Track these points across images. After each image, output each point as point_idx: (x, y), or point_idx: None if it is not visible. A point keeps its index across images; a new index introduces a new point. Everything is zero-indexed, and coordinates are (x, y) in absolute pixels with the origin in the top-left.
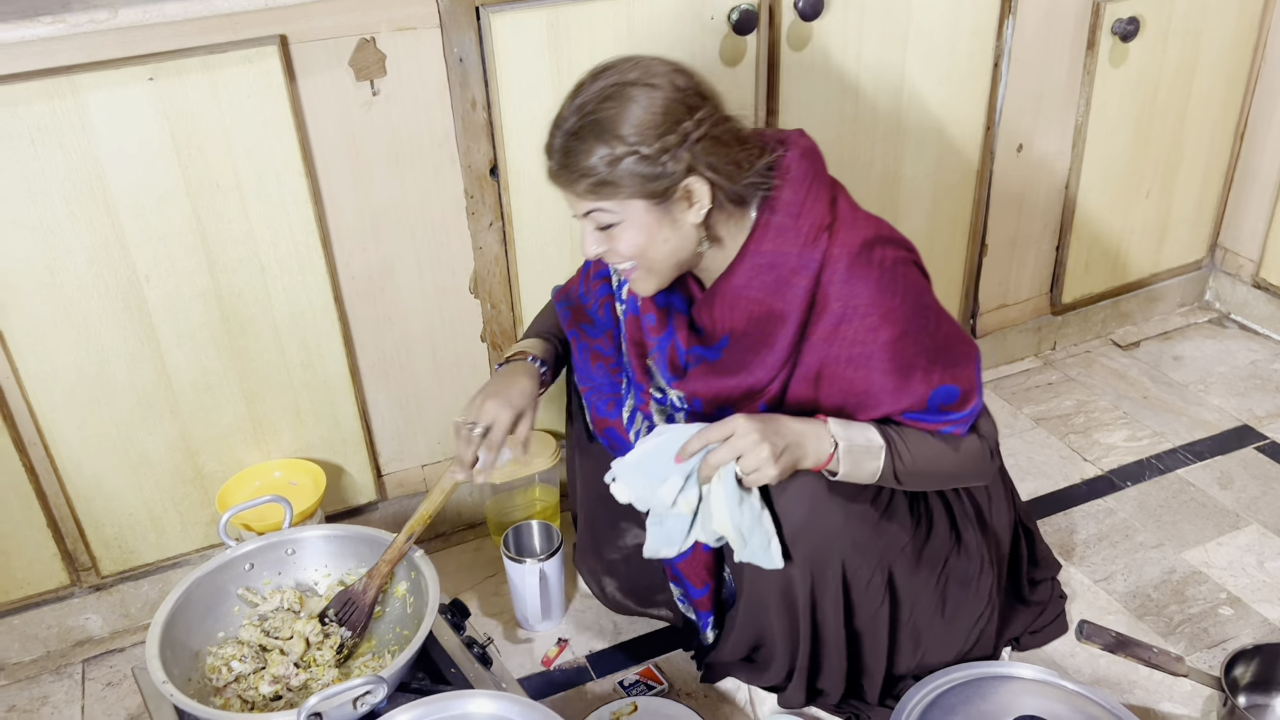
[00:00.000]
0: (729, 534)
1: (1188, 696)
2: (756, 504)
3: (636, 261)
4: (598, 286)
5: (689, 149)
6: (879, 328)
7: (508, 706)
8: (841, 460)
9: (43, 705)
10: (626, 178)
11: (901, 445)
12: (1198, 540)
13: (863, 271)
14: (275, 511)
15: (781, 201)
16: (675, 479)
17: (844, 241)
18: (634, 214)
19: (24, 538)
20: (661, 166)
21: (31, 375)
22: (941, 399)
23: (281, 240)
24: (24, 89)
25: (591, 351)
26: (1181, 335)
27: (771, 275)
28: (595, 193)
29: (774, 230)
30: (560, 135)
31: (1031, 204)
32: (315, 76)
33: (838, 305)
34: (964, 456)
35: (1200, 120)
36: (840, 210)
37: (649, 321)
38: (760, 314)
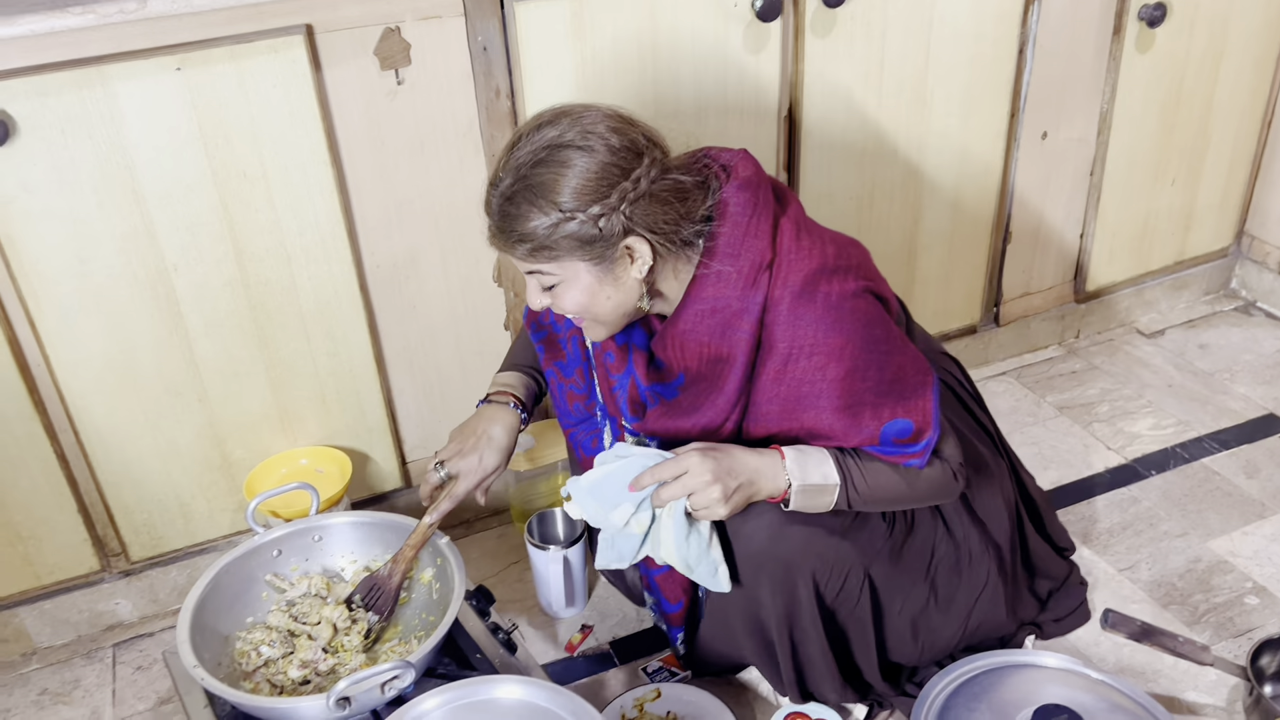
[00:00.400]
0: (675, 564)
1: (1213, 686)
2: (704, 535)
3: (582, 315)
4: (565, 318)
5: (626, 210)
6: (825, 366)
7: (534, 692)
8: (794, 498)
9: (74, 688)
10: (564, 242)
11: (859, 477)
12: (1223, 529)
13: (806, 311)
14: (302, 498)
15: (720, 243)
16: (627, 505)
17: (784, 280)
18: (575, 274)
19: (55, 523)
20: (599, 230)
21: (62, 363)
22: (895, 434)
23: (307, 229)
24: (54, 79)
25: (568, 391)
26: (1207, 323)
27: (715, 320)
28: (534, 257)
29: (713, 276)
30: (497, 197)
31: (1056, 191)
32: (340, 66)
33: (783, 346)
34: (923, 484)
35: (1227, 106)
36: (782, 244)
37: (609, 359)
38: (710, 355)
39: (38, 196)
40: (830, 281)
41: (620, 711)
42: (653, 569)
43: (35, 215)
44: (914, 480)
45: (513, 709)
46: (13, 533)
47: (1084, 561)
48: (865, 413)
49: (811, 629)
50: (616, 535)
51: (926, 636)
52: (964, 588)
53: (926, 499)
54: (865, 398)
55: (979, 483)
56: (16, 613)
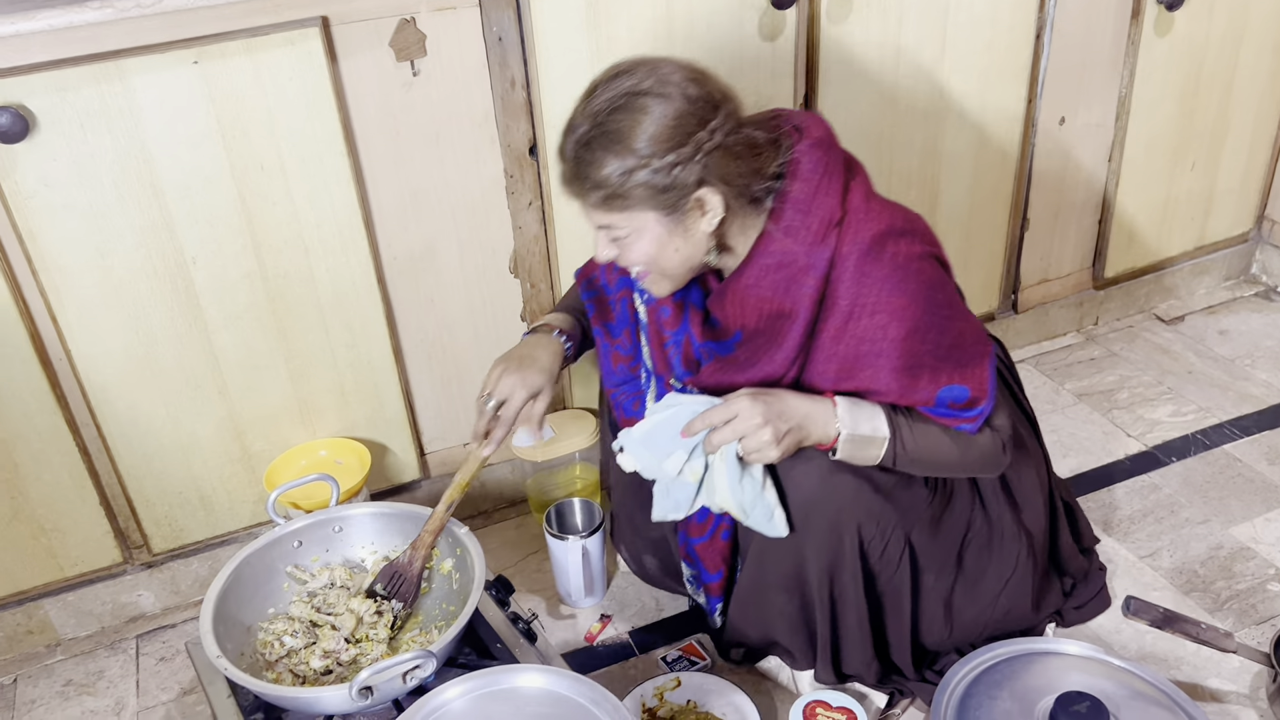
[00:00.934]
0: (730, 509)
1: (1236, 673)
2: (759, 479)
3: (648, 269)
4: (617, 278)
5: (701, 161)
6: (888, 325)
7: (556, 680)
8: (842, 446)
9: (99, 679)
10: (637, 190)
11: (909, 434)
12: (1245, 516)
13: (872, 269)
14: (322, 490)
15: (790, 199)
16: (679, 453)
17: (854, 238)
18: (645, 225)
19: (78, 516)
20: (673, 179)
21: (83, 356)
22: (950, 399)
23: (325, 221)
24: (73, 74)
25: (613, 352)
26: (1227, 309)
27: (780, 275)
28: (606, 205)
29: (782, 230)
30: (571, 143)
31: (1074, 177)
32: (356, 57)
33: (846, 303)
34: (973, 451)
35: (1247, 90)
36: (852, 203)
37: (664, 315)
38: (770, 311)
39: (58, 191)
40: (898, 242)
41: (641, 700)
42: (694, 537)
43: (56, 209)
44: (964, 445)
45: (534, 698)
46: (36, 525)
47: (1105, 549)
48: (923, 375)
49: (851, 587)
50: (671, 484)
51: (956, 617)
52: (994, 569)
53: (973, 467)
54: (924, 360)
55: (1018, 464)
56: (41, 605)
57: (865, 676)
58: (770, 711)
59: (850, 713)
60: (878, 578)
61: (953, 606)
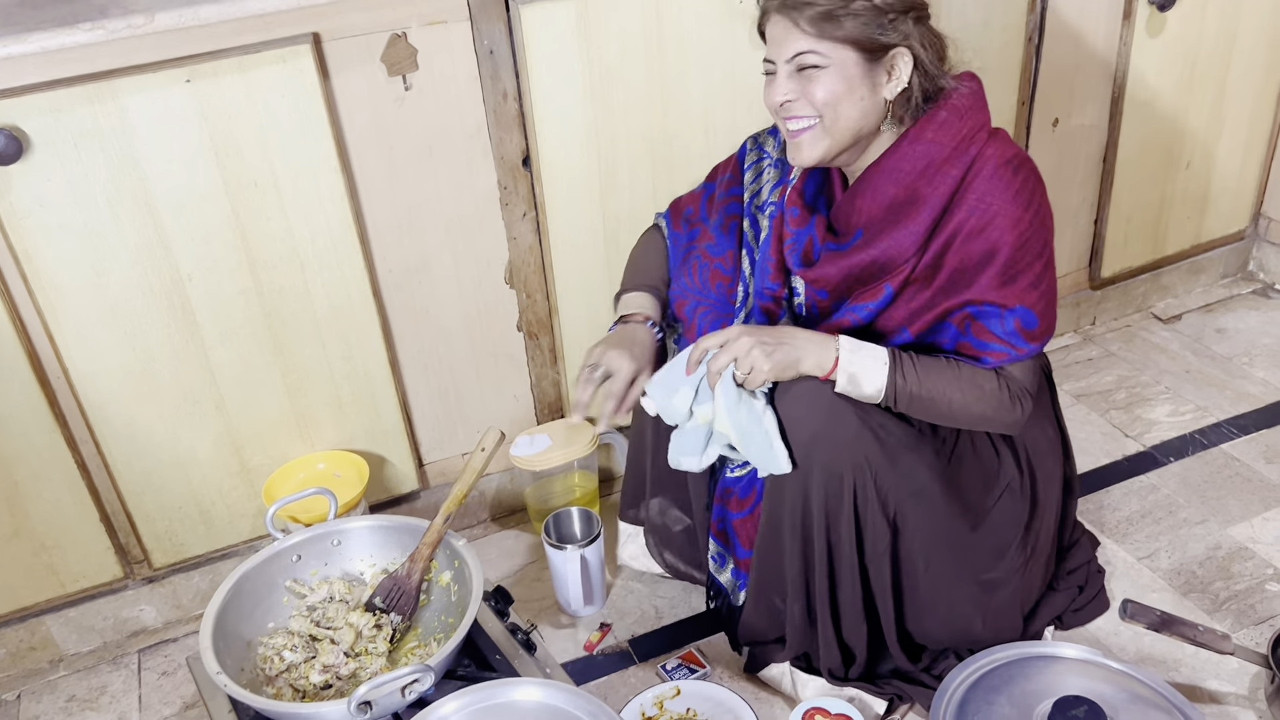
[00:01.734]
0: (730, 435)
1: (1234, 674)
2: (758, 406)
3: (823, 116)
4: (726, 204)
5: (912, 21)
6: (1003, 232)
7: (553, 694)
8: (843, 359)
9: (101, 695)
10: (851, 21)
11: (910, 366)
12: (1243, 516)
13: (1007, 177)
14: (321, 503)
15: (951, 102)
16: (686, 390)
17: (998, 149)
18: (842, 62)
19: (78, 532)
20: (887, 23)
21: (81, 375)
22: (1021, 318)
23: (319, 236)
24: (66, 95)
25: (712, 269)
26: (1224, 307)
27: (924, 160)
28: (816, 26)
29: (938, 122)
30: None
31: (1069, 178)
32: (348, 73)
33: (973, 199)
34: (979, 394)
35: (1241, 88)
36: (1000, 130)
37: (793, 214)
38: (902, 198)
39: (53, 211)
40: (1031, 171)
41: (640, 709)
42: (734, 511)
43: (51, 229)
44: (969, 389)
45: (532, 711)
46: (37, 542)
47: (1103, 550)
48: (1018, 282)
49: (846, 535)
50: (685, 428)
51: (944, 613)
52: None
53: (980, 416)
54: (1025, 272)
55: (1044, 469)
56: (43, 621)
57: (857, 647)
58: (770, 719)
59: (849, 718)
60: (865, 545)
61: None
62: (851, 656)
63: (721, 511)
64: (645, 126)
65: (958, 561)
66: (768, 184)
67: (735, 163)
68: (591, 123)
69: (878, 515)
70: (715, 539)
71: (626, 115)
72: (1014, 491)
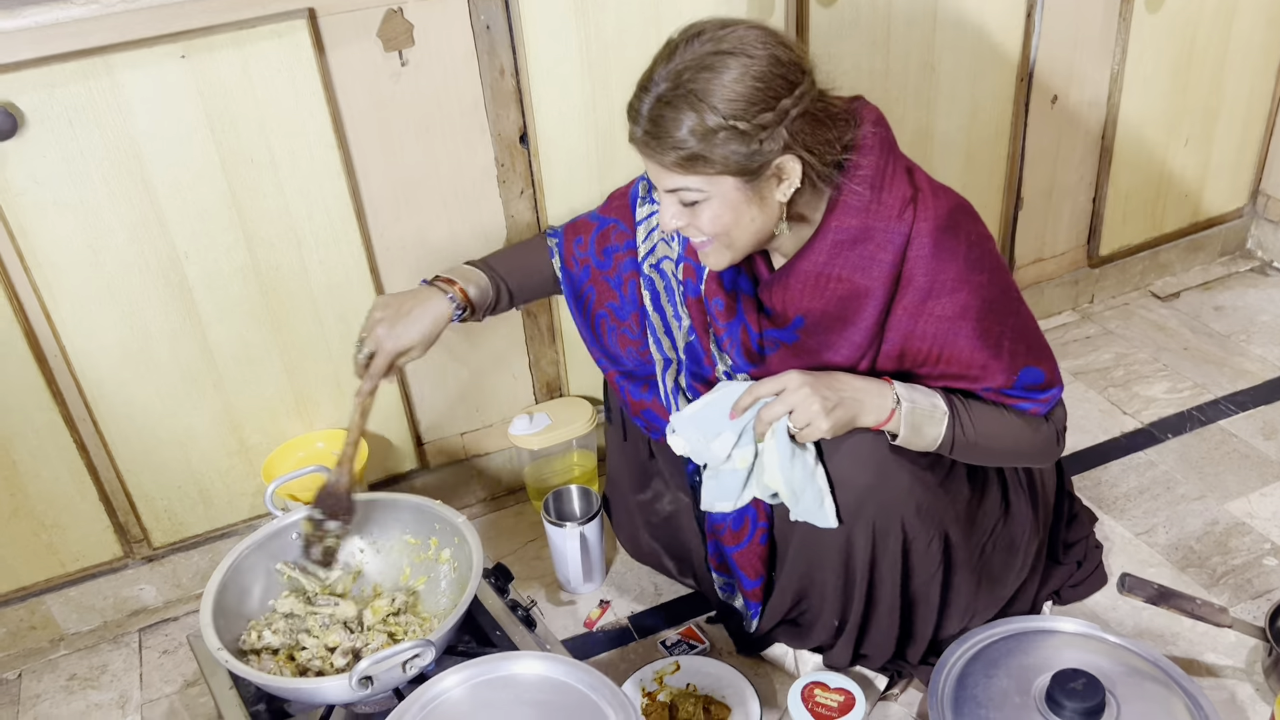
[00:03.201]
0: (781, 490)
1: (1232, 648)
2: (810, 461)
3: (716, 239)
4: (623, 259)
5: (786, 127)
6: (969, 303)
7: (553, 667)
8: (903, 421)
9: (102, 673)
10: (719, 153)
11: (965, 416)
12: (1241, 491)
13: (950, 245)
14: (320, 481)
15: (861, 175)
16: (728, 435)
17: (928, 215)
18: (722, 191)
19: (78, 511)
20: (758, 144)
21: (78, 353)
22: (1029, 380)
23: (316, 214)
24: (60, 70)
25: (620, 335)
26: (1223, 285)
27: (855, 252)
28: (684, 166)
29: (856, 205)
30: (649, 100)
31: (1067, 155)
32: (344, 49)
33: (924, 280)
34: (1030, 438)
35: (1240, 65)
36: (919, 182)
37: (717, 306)
38: (843, 292)
39: (48, 188)
40: (970, 221)
41: (640, 684)
42: (730, 545)
43: (46, 206)
44: (1021, 429)
45: (533, 684)
46: (36, 522)
47: (1101, 526)
48: (1004, 354)
49: (889, 579)
50: (720, 471)
51: (972, 614)
52: (1015, 571)
53: (1027, 456)
54: (1003, 340)
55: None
56: (44, 600)
57: (881, 660)
58: (770, 694)
59: (848, 693)
60: (914, 574)
61: (970, 604)
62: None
63: (716, 547)
64: None
65: (985, 566)
66: (667, 258)
67: (628, 209)
68: (589, 99)
69: (931, 548)
70: (718, 572)
71: (624, 91)
72: (1018, 487)
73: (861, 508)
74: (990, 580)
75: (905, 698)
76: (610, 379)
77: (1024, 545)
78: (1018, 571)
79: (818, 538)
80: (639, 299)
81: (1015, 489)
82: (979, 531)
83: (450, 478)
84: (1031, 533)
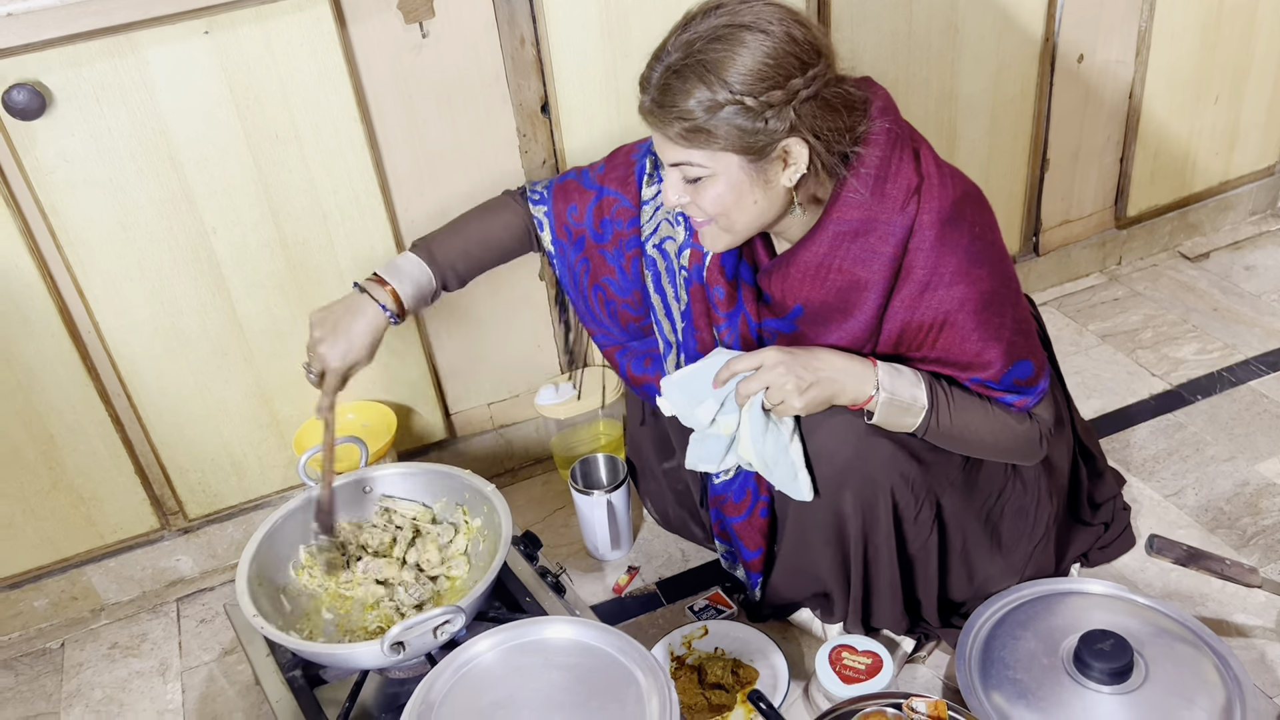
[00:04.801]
0: (754, 461)
1: (1261, 608)
2: (785, 435)
3: (717, 220)
4: (626, 237)
5: (795, 108)
6: (966, 297)
7: (584, 631)
8: (879, 409)
9: (142, 642)
10: (724, 128)
11: (946, 409)
12: (1272, 452)
13: (953, 238)
14: (351, 452)
15: (866, 165)
16: (710, 403)
17: (932, 206)
18: (726, 169)
19: (114, 485)
20: (764, 122)
21: (111, 329)
22: (1017, 374)
23: (341, 188)
24: (86, 48)
25: (620, 310)
26: (1253, 244)
27: (856, 243)
28: (688, 139)
29: (858, 199)
30: (660, 69)
31: (1094, 115)
32: (365, 22)
33: (923, 272)
34: (1011, 436)
35: (1271, 20)
36: (926, 169)
37: (718, 295)
38: (842, 283)
39: (77, 165)
40: (975, 210)
41: (669, 648)
42: (731, 516)
43: (76, 184)
44: (1002, 426)
45: (564, 648)
46: (75, 495)
47: (1130, 489)
48: (998, 347)
49: (885, 548)
50: (707, 435)
51: (982, 582)
52: (1026, 535)
53: (1006, 452)
54: (1003, 333)
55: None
56: (84, 571)
57: (896, 629)
58: (798, 657)
59: (875, 655)
60: (909, 542)
61: (980, 570)
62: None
63: (718, 515)
64: None
65: (992, 531)
66: (670, 239)
67: (633, 183)
68: (610, 67)
69: (922, 516)
70: (719, 539)
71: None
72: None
73: (843, 483)
74: (1000, 545)
75: (933, 660)
76: (609, 355)
77: (1035, 510)
78: (1029, 536)
79: (809, 512)
80: (641, 278)
81: None
82: (980, 496)
83: (478, 447)
84: (1045, 498)
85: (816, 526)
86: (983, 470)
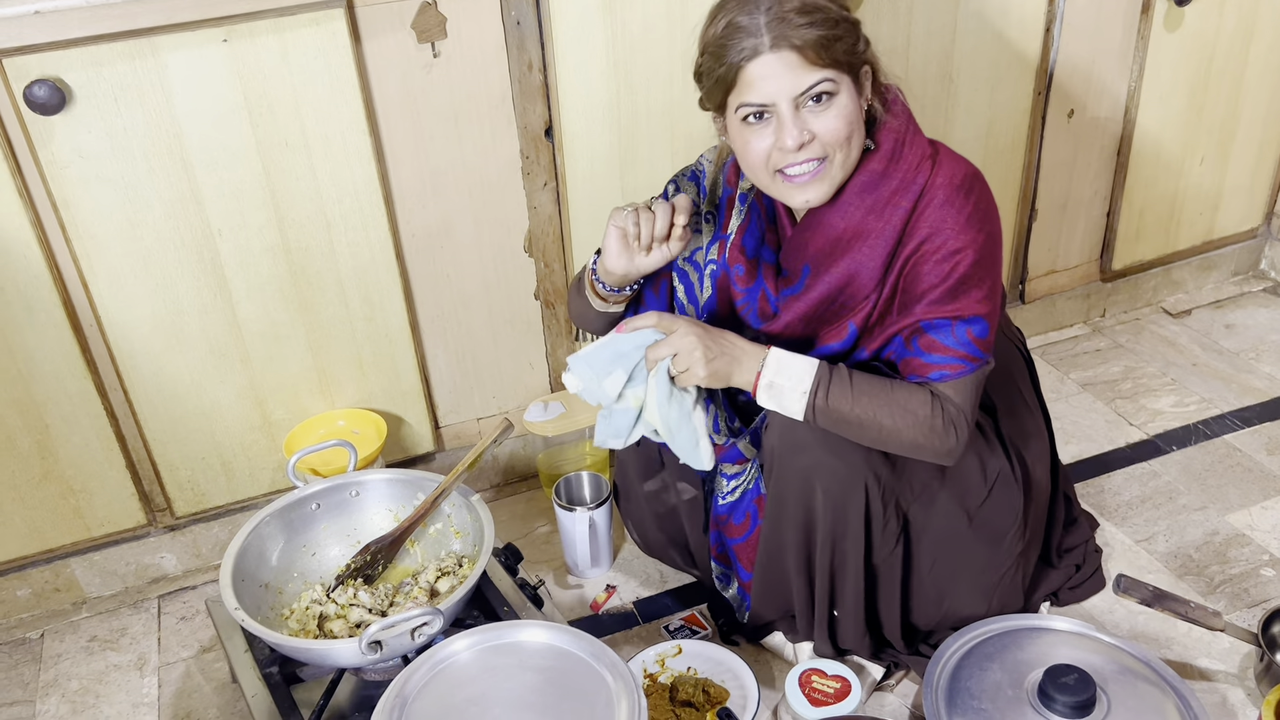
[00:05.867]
0: (658, 427)
1: (1225, 653)
2: (689, 403)
3: (829, 154)
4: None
5: (866, 40)
6: (958, 250)
7: (558, 636)
8: (760, 391)
9: (121, 636)
10: (844, 42)
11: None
12: (1242, 504)
13: (959, 202)
14: (340, 456)
15: (888, 129)
16: (620, 373)
17: (945, 171)
18: (846, 87)
19: (105, 478)
20: (858, 39)
21: (113, 323)
22: (972, 326)
23: (346, 198)
24: (108, 50)
25: None
26: (1235, 304)
27: (873, 196)
28: (817, 53)
29: (884, 154)
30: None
31: (1083, 169)
32: (379, 39)
33: (925, 229)
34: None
35: (1258, 86)
36: (937, 145)
37: (738, 272)
38: (850, 234)
39: (92, 162)
40: (981, 188)
41: (643, 666)
42: (731, 538)
43: (89, 180)
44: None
45: (537, 651)
46: (65, 486)
47: (1102, 532)
48: (971, 293)
49: (852, 554)
50: (613, 410)
51: (950, 604)
52: (995, 561)
53: (908, 440)
54: (982, 285)
55: (1031, 454)
56: (68, 563)
57: (859, 650)
58: (769, 680)
59: (845, 680)
60: (875, 550)
61: (947, 594)
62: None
63: (719, 537)
64: (665, 102)
65: (961, 554)
66: (699, 249)
67: None
68: (614, 96)
69: (888, 521)
70: (717, 561)
71: (648, 90)
72: (1007, 481)
73: (818, 476)
74: (969, 569)
75: (901, 689)
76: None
77: (1010, 540)
78: (999, 564)
79: (783, 513)
80: (668, 299)
81: (1005, 482)
82: (951, 515)
83: None
84: (1018, 528)
85: (789, 526)
86: (956, 487)
